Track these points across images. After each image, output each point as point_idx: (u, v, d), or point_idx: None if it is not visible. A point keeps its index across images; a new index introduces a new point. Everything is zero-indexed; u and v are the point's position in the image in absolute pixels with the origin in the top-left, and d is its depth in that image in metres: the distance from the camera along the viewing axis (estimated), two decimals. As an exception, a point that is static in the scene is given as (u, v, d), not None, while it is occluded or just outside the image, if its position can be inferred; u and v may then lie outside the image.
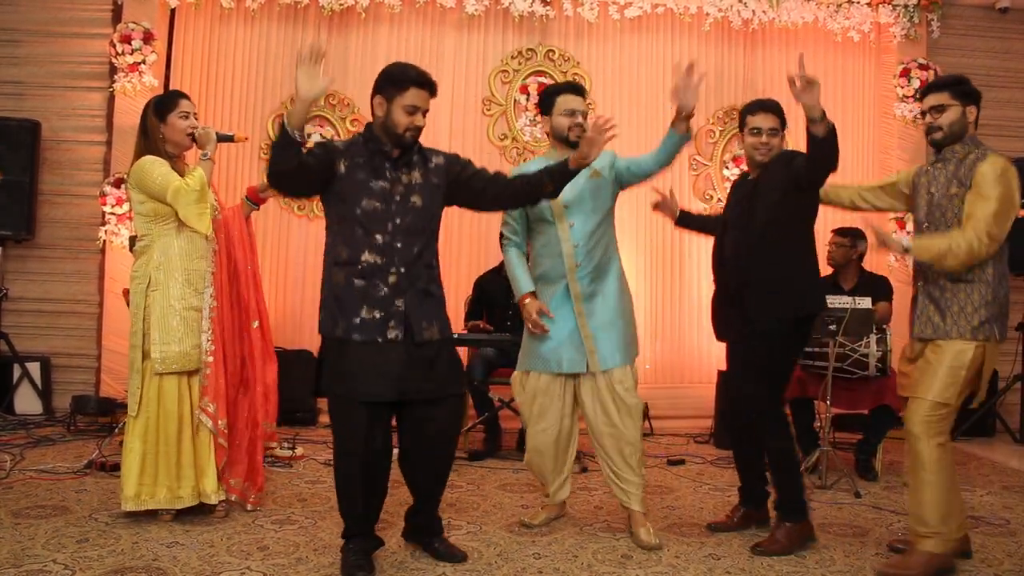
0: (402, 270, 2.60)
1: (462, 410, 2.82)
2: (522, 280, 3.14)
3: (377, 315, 2.57)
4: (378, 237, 2.58)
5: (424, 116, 2.65)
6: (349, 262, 2.59)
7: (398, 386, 2.57)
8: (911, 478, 2.76)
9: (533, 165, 3.04)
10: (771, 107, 3.07)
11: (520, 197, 2.81)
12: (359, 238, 2.58)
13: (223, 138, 3.18)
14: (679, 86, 2.92)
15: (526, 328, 3.14)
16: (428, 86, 2.63)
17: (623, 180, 3.13)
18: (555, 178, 2.72)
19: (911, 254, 2.79)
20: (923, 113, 2.90)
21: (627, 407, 3.01)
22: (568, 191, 2.94)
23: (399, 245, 2.60)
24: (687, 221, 3.51)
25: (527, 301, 3.09)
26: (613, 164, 3.11)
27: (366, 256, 2.58)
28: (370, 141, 2.64)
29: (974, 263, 2.71)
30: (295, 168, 2.47)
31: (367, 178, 2.60)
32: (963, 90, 2.81)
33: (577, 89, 3.17)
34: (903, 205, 3.07)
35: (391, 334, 2.57)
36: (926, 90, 2.91)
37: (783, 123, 3.08)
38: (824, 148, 2.73)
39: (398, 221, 2.60)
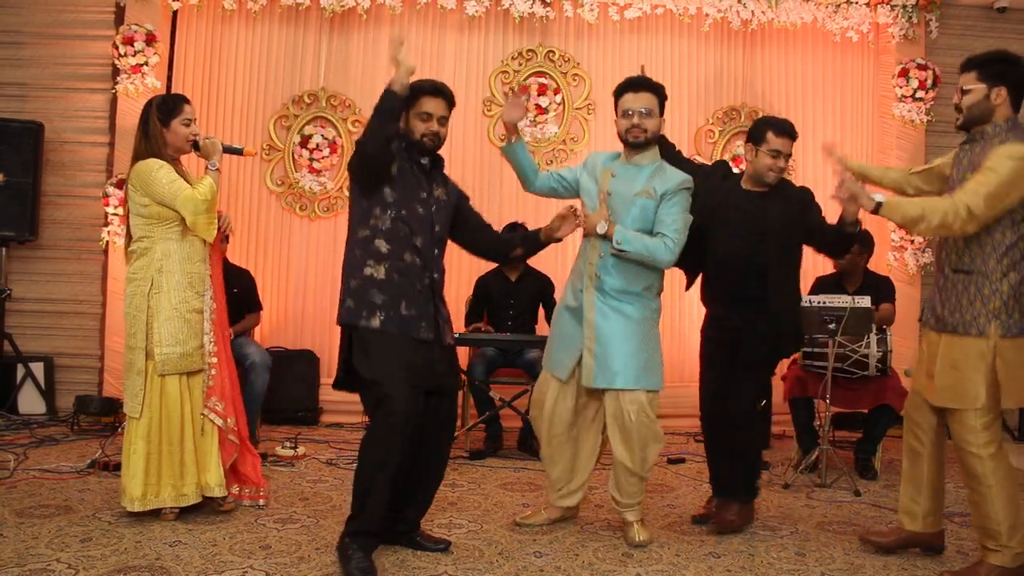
0: (435, 276, 2.78)
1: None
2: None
3: (413, 313, 2.69)
4: (418, 241, 2.72)
5: (440, 124, 2.79)
6: (390, 257, 2.69)
7: (429, 380, 2.71)
8: (971, 493, 2.66)
9: (568, 173, 3.21)
10: (792, 133, 3.13)
11: (491, 252, 3.14)
12: (403, 237, 2.70)
13: (230, 150, 3.23)
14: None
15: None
16: (439, 93, 2.80)
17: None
18: (527, 245, 3.05)
19: (882, 213, 2.62)
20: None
21: (634, 431, 2.92)
22: (613, 200, 2.98)
23: (436, 252, 2.78)
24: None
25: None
26: (665, 196, 2.95)
27: (407, 256, 2.71)
28: (407, 153, 2.78)
29: (948, 235, 2.59)
30: (389, 140, 2.59)
31: (415, 184, 2.76)
32: (993, 70, 2.59)
33: (638, 85, 3.03)
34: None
35: (424, 334, 2.71)
36: (961, 65, 2.70)
37: None
38: (850, 243, 3.08)
39: (436, 229, 2.79)
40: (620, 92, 3.08)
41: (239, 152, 3.28)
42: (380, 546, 2.79)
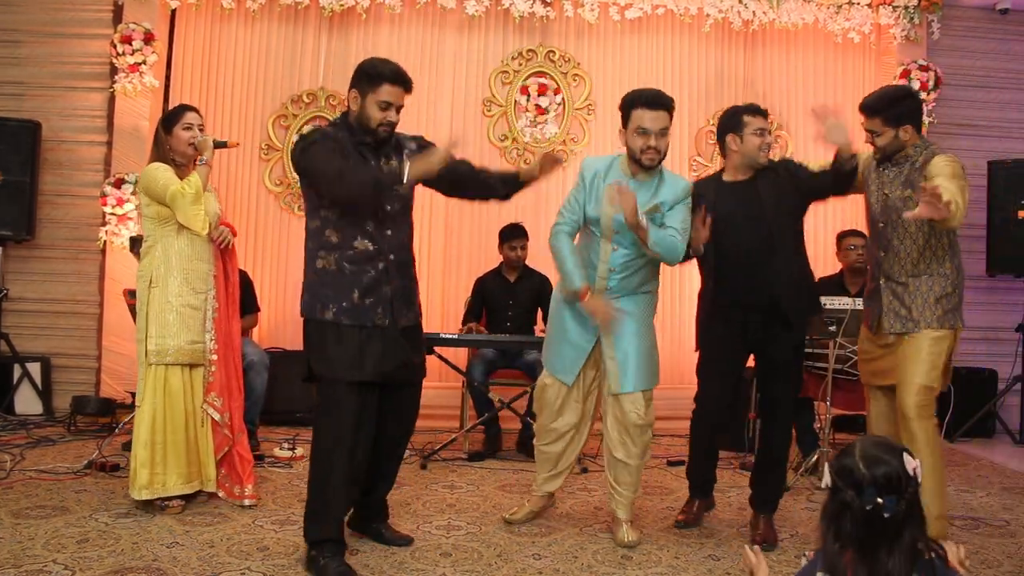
0: (391, 257, 2.69)
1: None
2: (575, 274, 3.00)
3: (367, 301, 2.63)
4: (369, 225, 2.65)
5: (398, 112, 2.70)
6: (339, 247, 2.64)
7: (382, 370, 2.64)
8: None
9: (576, 206, 3.10)
10: (766, 111, 3.19)
11: (475, 193, 2.99)
12: (350, 225, 2.64)
13: (217, 144, 3.31)
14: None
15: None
16: (402, 83, 2.67)
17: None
18: (508, 186, 2.91)
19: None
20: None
21: (636, 428, 3.01)
22: (621, 221, 2.91)
23: (389, 232, 2.69)
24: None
25: (589, 299, 2.96)
26: (676, 204, 3.01)
27: (357, 243, 2.64)
28: (352, 133, 2.69)
29: (949, 227, 2.77)
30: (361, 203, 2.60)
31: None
32: (894, 113, 2.90)
33: (655, 102, 2.95)
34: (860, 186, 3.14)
35: (379, 320, 2.64)
36: (861, 109, 3.01)
37: None
38: (850, 177, 3.00)
39: (388, 208, 2.68)
40: (634, 105, 2.96)
41: (224, 145, 3.36)
42: (369, 541, 2.81)
